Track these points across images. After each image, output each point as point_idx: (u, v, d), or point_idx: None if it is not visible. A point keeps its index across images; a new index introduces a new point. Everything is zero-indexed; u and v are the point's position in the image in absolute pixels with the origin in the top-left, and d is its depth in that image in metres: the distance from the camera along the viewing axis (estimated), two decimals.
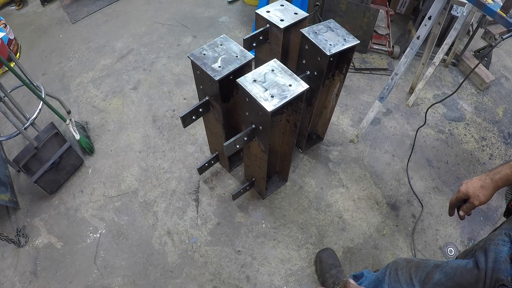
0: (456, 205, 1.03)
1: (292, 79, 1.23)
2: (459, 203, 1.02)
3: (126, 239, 1.71)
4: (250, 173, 1.75)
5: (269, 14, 1.47)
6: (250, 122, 1.33)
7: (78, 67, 2.54)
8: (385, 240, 1.70)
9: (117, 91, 2.36)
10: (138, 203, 1.83)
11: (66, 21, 2.96)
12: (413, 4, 2.85)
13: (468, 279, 0.81)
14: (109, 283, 1.58)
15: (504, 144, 2.13)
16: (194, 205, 1.81)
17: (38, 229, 1.76)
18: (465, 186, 0.98)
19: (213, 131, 1.68)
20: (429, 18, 1.53)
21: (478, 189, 0.94)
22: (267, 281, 1.57)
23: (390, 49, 2.54)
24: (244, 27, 2.81)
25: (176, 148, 2.04)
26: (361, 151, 2.03)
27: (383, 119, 2.19)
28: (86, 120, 2.20)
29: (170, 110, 2.23)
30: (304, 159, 1.98)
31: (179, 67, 2.50)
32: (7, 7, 3.18)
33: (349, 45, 1.39)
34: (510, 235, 0.80)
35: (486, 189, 0.93)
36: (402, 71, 1.68)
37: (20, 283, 1.59)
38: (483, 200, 0.94)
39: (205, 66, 1.27)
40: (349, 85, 2.37)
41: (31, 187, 1.89)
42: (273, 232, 1.71)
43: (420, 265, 0.99)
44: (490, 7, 1.26)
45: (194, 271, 1.60)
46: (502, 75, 2.55)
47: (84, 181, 1.92)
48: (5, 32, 2.47)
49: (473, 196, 0.95)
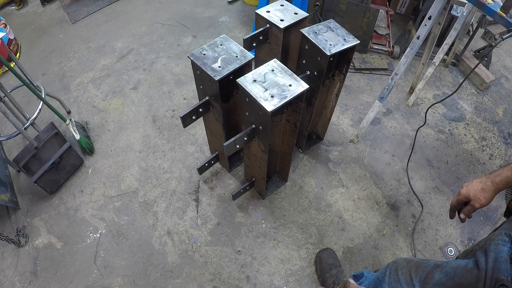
0: (457, 208, 1.03)
1: (292, 79, 1.23)
2: (459, 206, 1.02)
3: (126, 239, 1.71)
4: (250, 173, 1.75)
5: (269, 14, 1.47)
6: (250, 122, 1.33)
7: (78, 67, 2.54)
8: (385, 240, 1.70)
9: (117, 91, 2.36)
10: (138, 203, 1.83)
11: (66, 21, 2.96)
12: (413, 4, 2.85)
13: (468, 279, 0.81)
14: (109, 283, 1.58)
15: (504, 144, 2.13)
16: (194, 205, 1.81)
17: (38, 229, 1.76)
18: (465, 189, 0.97)
19: (213, 131, 1.68)
20: (429, 18, 1.53)
21: (479, 191, 0.94)
22: (267, 281, 1.57)
23: (390, 49, 2.54)
24: (244, 27, 2.81)
25: (176, 148, 2.04)
26: (361, 151, 2.03)
27: (383, 119, 2.19)
28: (86, 120, 2.20)
29: (170, 110, 2.23)
30: (304, 159, 1.98)
31: (179, 67, 2.50)
32: (7, 7, 3.18)
33: (349, 45, 1.39)
34: (511, 235, 0.79)
35: (487, 191, 0.93)
36: (402, 71, 1.68)
37: (20, 283, 1.59)
38: (484, 202, 0.94)
39: (205, 66, 1.27)
40: (349, 85, 2.37)
41: (31, 187, 1.89)
42: (273, 232, 1.71)
43: (420, 265, 0.99)
44: (490, 7, 1.26)
45: (194, 271, 1.60)
46: (502, 75, 2.55)
47: (84, 181, 1.92)
48: (5, 32, 2.47)
49: (474, 199, 0.95)
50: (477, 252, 0.84)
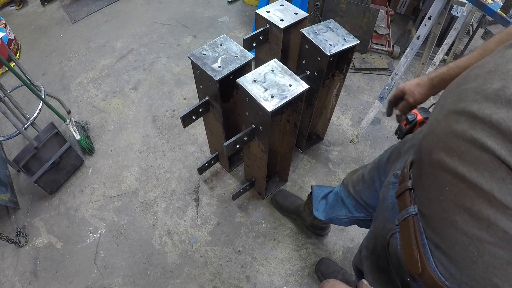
0: (394, 104, 1.00)
1: (292, 79, 1.23)
2: (396, 102, 0.98)
3: (126, 239, 1.71)
4: (250, 173, 1.75)
5: (269, 14, 1.47)
6: (250, 122, 1.33)
7: (78, 67, 2.54)
8: None
9: (117, 91, 2.36)
10: (138, 203, 1.83)
11: (66, 21, 2.96)
12: (413, 4, 2.85)
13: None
14: (109, 283, 1.58)
15: None
16: (194, 205, 1.81)
17: (38, 229, 1.76)
18: (403, 84, 0.94)
19: (213, 131, 1.68)
20: (429, 18, 1.53)
21: (414, 86, 0.91)
22: (267, 281, 1.57)
23: (390, 49, 2.54)
24: (244, 27, 2.81)
25: (176, 148, 2.04)
26: (361, 151, 2.03)
27: (383, 119, 2.19)
28: (86, 120, 2.20)
29: (170, 110, 2.23)
30: (304, 159, 1.98)
31: (179, 67, 2.50)
32: (7, 7, 3.18)
33: (349, 45, 1.39)
34: (398, 175, 0.73)
35: (422, 87, 0.89)
36: (402, 71, 1.68)
37: (20, 283, 1.60)
38: (418, 98, 0.90)
39: (205, 66, 1.27)
40: (349, 85, 2.37)
41: (31, 187, 1.89)
42: (273, 232, 1.71)
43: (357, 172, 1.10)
44: (490, 7, 1.26)
45: (194, 271, 1.60)
46: None
47: (84, 181, 1.92)
48: (5, 32, 2.47)
49: (409, 93, 0.92)
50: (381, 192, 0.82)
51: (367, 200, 1.04)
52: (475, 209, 0.46)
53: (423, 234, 0.58)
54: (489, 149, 0.43)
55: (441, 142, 0.52)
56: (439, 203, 0.52)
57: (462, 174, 0.47)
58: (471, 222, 0.47)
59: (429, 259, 0.56)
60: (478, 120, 0.45)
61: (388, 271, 0.71)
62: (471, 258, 0.48)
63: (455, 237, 0.50)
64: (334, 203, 1.23)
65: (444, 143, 0.51)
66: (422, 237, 0.58)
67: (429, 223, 0.56)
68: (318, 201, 1.33)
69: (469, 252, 0.48)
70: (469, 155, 0.46)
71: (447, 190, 0.50)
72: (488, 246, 0.46)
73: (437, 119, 0.55)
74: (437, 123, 0.54)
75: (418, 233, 0.58)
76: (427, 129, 0.58)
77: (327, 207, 1.28)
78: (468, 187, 0.46)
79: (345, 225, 1.29)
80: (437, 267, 0.55)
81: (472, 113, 0.46)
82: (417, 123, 0.90)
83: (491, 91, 0.46)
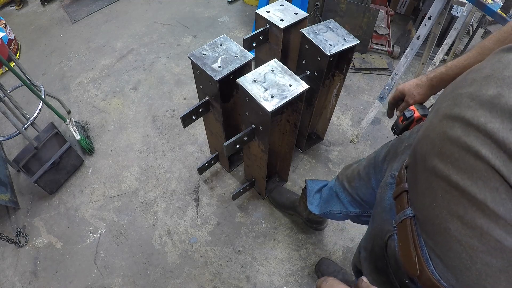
0: (394, 105, 1.00)
1: (292, 79, 1.23)
2: (396, 103, 0.99)
3: (126, 239, 1.71)
4: (250, 173, 1.75)
5: (269, 14, 1.47)
6: (250, 122, 1.33)
7: (78, 67, 2.54)
8: None
9: (117, 91, 2.36)
10: (138, 203, 1.83)
11: (66, 21, 2.96)
12: (413, 4, 2.85)
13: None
14: (109, 283, 1.58)
15: None
16: (194, 205, 1.81)
17: (38, 229, 1.76)
18: (402, 85, 0.94)
19: (213, 131, 1.68)
20: (429, 18, 1.53)
21: (414, 87, 0.91)
22: (267, 281, 1.57)
23: (390, 49, 2.54)
24: (244, 27, 2.81)
25: (176, 148, 2.04)
26: (361, 151, 2.03)
27: (383, 119, 2.19)
28: (86, 120, 2.20)
29: (170, 110, 2.23)
30: (304, 159, 1.98)
31: (179, 67, 2.50)
32: (7, 7, 3.18)
33: (349, 45, 1.39)
34: (395, 175, 0.73)
35: (421, 87, 0.90)
36: (402, 71, 1.68)
37: (20, 283, 1.60)
38: (417, 99, 0.91)
39: (205, 66, 1.27)
40: (349, 85, 2.37)
41: (31, 187, 1.89)
42: (273, 232, 1.71)
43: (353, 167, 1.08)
44: (490, 7, 1.26)
45: (194, 271, 1.60)
46: None
47: (84, 181, 1.92)
48: (5, 32, 2.47)
49: (408, 94, 0.92)
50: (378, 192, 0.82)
51: (364, 197, 1.04)
52: (468, 218, 0.45)
53: (420, 236, 0.57)
54: (484, 158, 0.42)
55: (435, 147, 0.51)
56: (433, 209, 0.51)
57: (455, 182, 0.46)
58: (464, 230, 0.46)
59: (427, 261, 0.55)
60: (473, 127, 0.44)
61: (386, 272, 0.71)
62: (465, 265, 0.47)
63: (448, 244, 0.49)
64: (328, 197, 1.23)
65: (439, 149, 0.50)
66: (420, 239, 0.57)
67: (423, 227, 0.56)
68: (312, 195, 1.33)
69: (462, 259, 0.47)
70: (463, 163, 0.45)
71: (440, 197, 0.49)
72: (480, 254, 0.45)
73: (432, 123, 0.54)
74: (432, 127, 0.54)
75: (415, 235, 0.58)
76: (422, 133, 0.58)
77: (322, 202, 1.28)
78: (461, 195, 0.45)
79: (339, 219, 1.29)
80: (435, 269, 0.54)
81: (467, 119, 0.46)
82: (414, 120, 0.90)
83: (487, 98, 0.45)
